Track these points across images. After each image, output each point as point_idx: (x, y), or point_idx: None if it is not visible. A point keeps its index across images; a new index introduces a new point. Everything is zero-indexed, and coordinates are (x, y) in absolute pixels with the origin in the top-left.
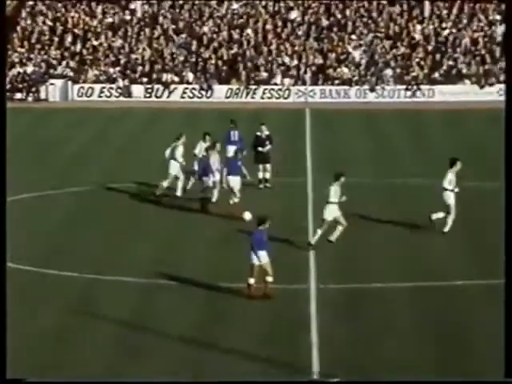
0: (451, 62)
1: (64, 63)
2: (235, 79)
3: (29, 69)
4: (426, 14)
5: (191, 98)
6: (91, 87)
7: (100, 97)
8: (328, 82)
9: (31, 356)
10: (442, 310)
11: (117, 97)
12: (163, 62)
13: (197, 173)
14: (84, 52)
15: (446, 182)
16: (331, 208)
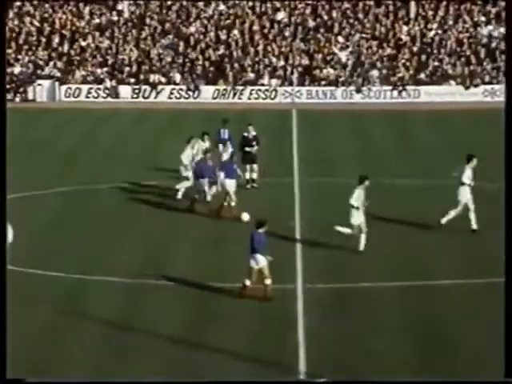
0: (437, 63)
1: (51, 64)
2: (222, 80)
3: (16, 69)
4: (412, 15)
5: (178, 99)
6: (79, 88)
7: (87, 97)
8: (314, 83)
9: (19, 356)
10: (429, 310)
11: (104, 97)
12: (150, 63)
13: (193, 174)
14: (71, 53)
15: (465, 177)
16: (357, 213)
